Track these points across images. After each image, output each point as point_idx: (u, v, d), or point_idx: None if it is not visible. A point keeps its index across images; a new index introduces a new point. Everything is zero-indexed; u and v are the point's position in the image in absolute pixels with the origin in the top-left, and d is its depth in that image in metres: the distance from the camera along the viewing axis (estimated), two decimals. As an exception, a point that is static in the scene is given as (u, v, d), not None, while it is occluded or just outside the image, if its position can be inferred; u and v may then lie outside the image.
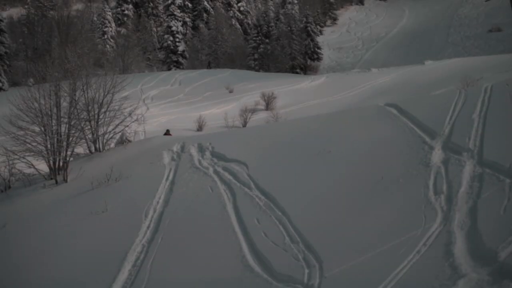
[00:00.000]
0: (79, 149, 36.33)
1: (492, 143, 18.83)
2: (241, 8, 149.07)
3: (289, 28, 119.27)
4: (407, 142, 21.71)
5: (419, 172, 18.67)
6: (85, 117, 36.14)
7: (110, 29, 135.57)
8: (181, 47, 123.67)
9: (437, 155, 19.57)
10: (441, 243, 13.66)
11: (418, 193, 17.16)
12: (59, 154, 32.64)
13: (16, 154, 32.13)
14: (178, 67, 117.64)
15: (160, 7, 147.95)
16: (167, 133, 39.26)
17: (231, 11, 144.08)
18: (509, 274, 10.98)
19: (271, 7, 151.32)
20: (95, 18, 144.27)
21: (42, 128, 32.72)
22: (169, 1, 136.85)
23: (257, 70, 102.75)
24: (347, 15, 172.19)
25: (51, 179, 31.68)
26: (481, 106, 23.29)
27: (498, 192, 15.15)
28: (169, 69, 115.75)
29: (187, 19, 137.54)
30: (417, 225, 15.05)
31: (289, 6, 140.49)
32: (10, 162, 32.28)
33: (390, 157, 20.70)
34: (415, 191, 17.35)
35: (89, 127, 36.42)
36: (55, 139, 32.82)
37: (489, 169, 16.95)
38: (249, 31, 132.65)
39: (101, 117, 36.92)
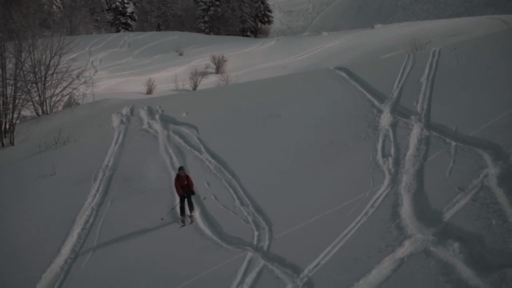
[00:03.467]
0: (26, 112, 35.65)
1: (439, 107, 19.09)
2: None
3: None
4: (356, 105, 21.88)
5: (368, 135, 18.86)
6: (31, 79, 35.48)
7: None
8: (130, 9, 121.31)
9: (385, 119, 19.78)
10: (388, 205, 13.88)
11: (366, 156, 17.36)
12: (5, 116, 32.08)
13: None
14: (127, 29, 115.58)
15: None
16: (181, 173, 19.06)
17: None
18: (453, 234, 11.23)
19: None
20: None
21: (-14, 90, 32.02)
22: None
23: (207, 33, 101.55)
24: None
25: (-3, 142, 31.11)
26: (429, 70, 23.54)
27: (444, 154, 15.42)
28: (118, 31, 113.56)
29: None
30: (365, 187, 15.26)
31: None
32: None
33: (339, 121, 20.85)
34: (363, 154, 17.55)
35: (36, 89, 35.80)
36: (1, 101, 32.15)
37: (436, 132, 17.21)
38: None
39: (48, 79, 36.30)
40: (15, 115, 32.76)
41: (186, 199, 17.45)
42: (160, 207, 18.08)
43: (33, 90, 35.47)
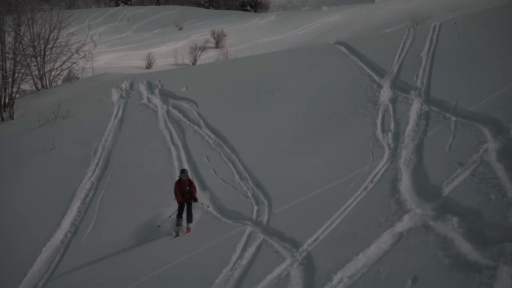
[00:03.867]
0: (26, 86, 35.55)
1: (439, 82, 19.03)
2: None
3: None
4: (356, 80, 21.81)
5: (368, 110, 18.83)
6: (31, 53, 35.29)
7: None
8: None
9: (385, 94, 19.72)
10: (388, 180, 13.89)
11: (366, 131, 17.35)
12: (5, 90, 32.01)
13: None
14: (126, 3, 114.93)
15: None
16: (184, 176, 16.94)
17: None
18: (452, 209, 11.23)
19: None
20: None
21: (-14, 64, 31.92)
22: None
23: (207, 7, 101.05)
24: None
25: (-3, 116, 31.06)
26: (429, 44, 23.43)
27: (443, 129, 15.39)
28: (117, 5, 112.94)
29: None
30: (364, 162, 15.26)
31: None
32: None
33: (339, 96, 20.79)
34: (363, 129, 17.53)
35: (35, 63, 35.65)
36: (0, 75, 32.03)
37: (436, 107, 17.17)
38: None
39: (47, 53, 36.14)
40: (15, 89, 32.71)
41: (185, 207, 15.55)
42: (159, 182, 18.10)
43: (32, 64, 35.33)
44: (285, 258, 11.90)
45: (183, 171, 16.15)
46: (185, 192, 15.55)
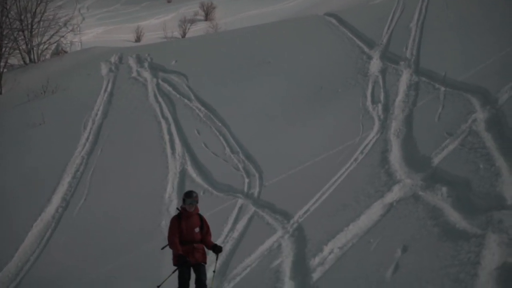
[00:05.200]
0: (13, 60, 35.26)
1: (428, 52, 19.02)
2: None
3: None
4: (346, 52, 21.78)
5: (357, 81, 18.84)
6: (18, 27, 34.96)
7: None
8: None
9: (375, 65, 19.73)
10: (378, 151, 13.96)
11: (356, 102, 17.37)
12: (-8, 65, 31.74)
13: None
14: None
15: None
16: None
17: None
18: (441, 178, 11.31)
19: None
20: None
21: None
22: None
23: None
24: None
25: (-15, 91, 30.86)
26: (418, 15, 23.33)
27: (433, 100, 15.43)
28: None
29: None
30: (354, 134, 15.32)
31: None
32: None
33: (329, 67, 20.77)
34: (353, 101, 17.55)
35: (22, 37, 35.33)
36: (-13, 50, 31.84)
37: (425, 77, 17.20)
38: None
39: (35, 27, 35.78)
40: (2, 64, 32.36)
41: (192, 268, 9.65)
42: (150, 155, 18.11)
43: (19, 38, 35.03)
44: (276, 229, 11.99)
45: (189, 194, 9.83)
46: (191, 239, 9.73)
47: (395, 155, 13.41)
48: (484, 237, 8.47)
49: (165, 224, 13.86)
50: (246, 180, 15.03)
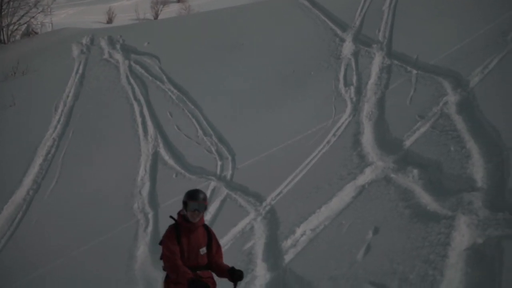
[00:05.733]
0: (-18, 41, 34.82)
1: (400, 35, 19.07)
2: None
3: None
4: (319, 34, 21.77)
5: (330, 64, 18.87)
6: (-14, 7, 34.49)
7: None
8: None
9: (347, 48, 19.75)
10: (350, 134, 14.02)
11: (329, 85, 17.41)
12: (-40, 46, 31.28)
13: None
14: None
15: None
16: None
17: None
18: (413, 161, 11.40)
19: None
20: None
21: None
22: None
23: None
24: None
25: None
26: (391, -2, 23.41)
27: (405, 83, 15.52)
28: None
29: None
30: (327, 116, 15.36)
31: None
32: None
33: (302, 50, 20.77)
34: (326, 84, 17.59)
35: (-9, 17, 34.84)
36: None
37: (397, 60, 17.27)
38: None
39: (4, 7, 35.28)
40: (-29, 45, 31.99)
41: None
42: (122, 138, 18.01)
43: (-12, 19, 34.58)
44: (249, 212, 12.01)
45: (194, 195, 6.96)
46: (194, 265, 6.90)
47: (367, 138, 13.48)
48: (454, 219, 8.59)
49: (137, 207, 13.88)
50: (219, 163, 15.01)
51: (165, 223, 7.42)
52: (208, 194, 13.36)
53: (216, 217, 12.35)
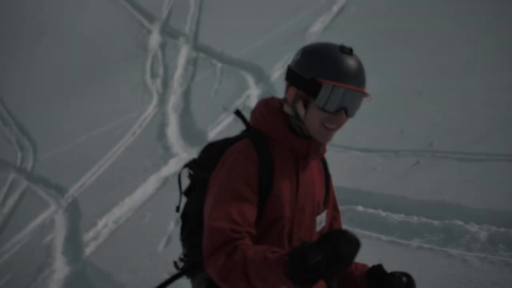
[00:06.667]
0: None
1: (206, 29, 19.36)
2: None
3: None
4: (126, 25, 21.58)
5: (137, 55, 18.81)
6: None
7: None
8: None
9: (155, 39, 19.77)
10: (156, 125, 14.08)
11: (135, 76, 17.36)
12: None
13: None
14: None
15: None
16: None
17: None
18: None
19: None
20: None
21: None
22: None
23: None
24: None
25: None
26: (198, -9, 23.65)
27: (210, 75, 15.81)
28: None
29: None
30: (133, 107, 15.32)
31: None
32: None
33: (108, 40, 20.51)
34: (132, 75, 17.52)
35: None
36: None
37: (203, 53, 17.54)
38: None
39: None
40: None
41: None
42: None
43: None
44: (50, 204, 11.69)
45: (352, 71, 2.62)
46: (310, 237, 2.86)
47: (173, 129, 13.61)
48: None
49: None
50: (19, 154, 14.50)
51: None
52: (6, 186, 12.88)
53: (15, 211, 11.94)
